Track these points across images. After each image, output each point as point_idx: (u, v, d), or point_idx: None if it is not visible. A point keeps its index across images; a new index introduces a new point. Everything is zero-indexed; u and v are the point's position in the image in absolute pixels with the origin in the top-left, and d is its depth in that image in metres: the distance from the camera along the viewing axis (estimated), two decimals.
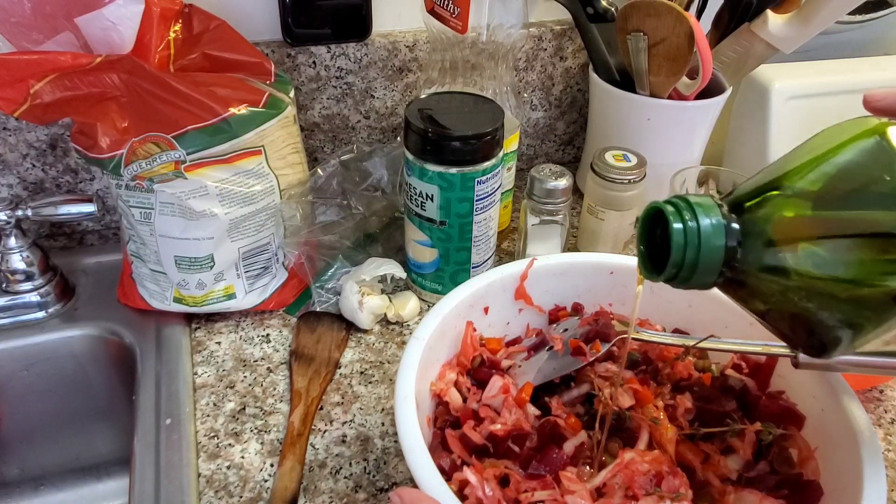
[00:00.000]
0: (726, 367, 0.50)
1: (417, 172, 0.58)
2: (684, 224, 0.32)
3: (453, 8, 0.60)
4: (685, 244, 0.32)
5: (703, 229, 0.31)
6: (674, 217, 0.32)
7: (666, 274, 0.33)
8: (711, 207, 0.32)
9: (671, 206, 0.33)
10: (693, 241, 0.31)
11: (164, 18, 0.57)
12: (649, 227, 0.35)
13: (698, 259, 0.32)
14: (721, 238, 0.31)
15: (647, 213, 0.34)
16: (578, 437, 0.44)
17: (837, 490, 0.40)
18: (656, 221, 0.34)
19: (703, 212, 0.32)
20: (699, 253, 0.31)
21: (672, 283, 0.33)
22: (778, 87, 0.79)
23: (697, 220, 0.32)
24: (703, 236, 0.31)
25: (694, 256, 0.32)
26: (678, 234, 0.32)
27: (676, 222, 0.32)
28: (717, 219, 0.32)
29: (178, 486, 0.49)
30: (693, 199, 0.32)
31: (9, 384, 0.64)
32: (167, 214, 0.56)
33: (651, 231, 0.35)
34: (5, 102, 0.50)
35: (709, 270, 0.32)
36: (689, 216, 0.32)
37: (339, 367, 0.60)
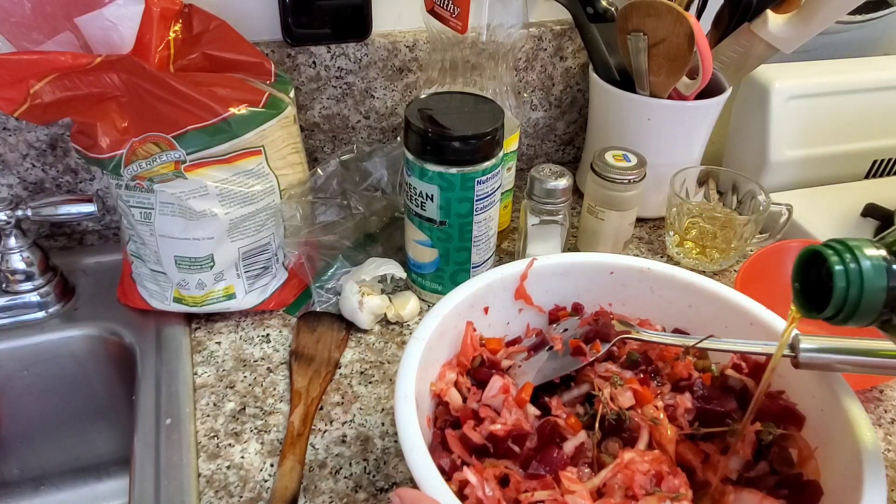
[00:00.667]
0: (726, 367, 0.50)
1: (417, 172, 0.58)
2: (846, 265, 0.33)
3: (453, 8, 0.60)
4: (848, 285, 0.33)
5: (865, 270, 0.33)
6: (835, 259, 0.34)
7: (827, 313, 0.34)
8: (870, 248, 0.33)
9: (830, 249, 0.34)
10: (856, 281, 0.33)
11: (164, 18, 0.57)
12: (804, 266, 0.36)
13: (861, 299, 0.33)
14: (883, 279, 0.33)
15: (805, 255, 0.36)
16: (578, 437, 0.44)
17: (837, 490, 0.40)
18: (811, 262, 0.36)
19: (863, 253, 0.33)
20: (862, 294, 0.33)
21: (830, 321, 0.35)
22: (778, 87, 0.79)
23: (858, 261, 0.33)
24: (865, 277, 0.33)
25: (857, 297, 0.33)
26: (840, 274, 0.33)
27: (838, 265, 0.33)
28: (879, 260, 0.33)
29: (178, 486, 0.49)
30: (852, 242, 0.34)
31: (9, 384, 0.64)
32: (167, 214, 0.56)
33: (806, 271, 0.36)
34: (5, 102, 0.50)
35: (870, 311, 0.33)
36: (850, 258, 0.33)
37: (339, 367, 0.60)
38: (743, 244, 0.70)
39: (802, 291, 0.37)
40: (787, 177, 0.83)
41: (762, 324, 0.48)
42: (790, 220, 0.72)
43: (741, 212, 0.72)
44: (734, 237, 0.70)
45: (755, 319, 0.49)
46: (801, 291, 0.37)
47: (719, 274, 0.73)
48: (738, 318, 0.50)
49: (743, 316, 0.50)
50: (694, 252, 0.73)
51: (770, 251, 0.66)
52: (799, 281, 0.37)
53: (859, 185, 0.85)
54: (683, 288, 0.52)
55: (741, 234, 0.69)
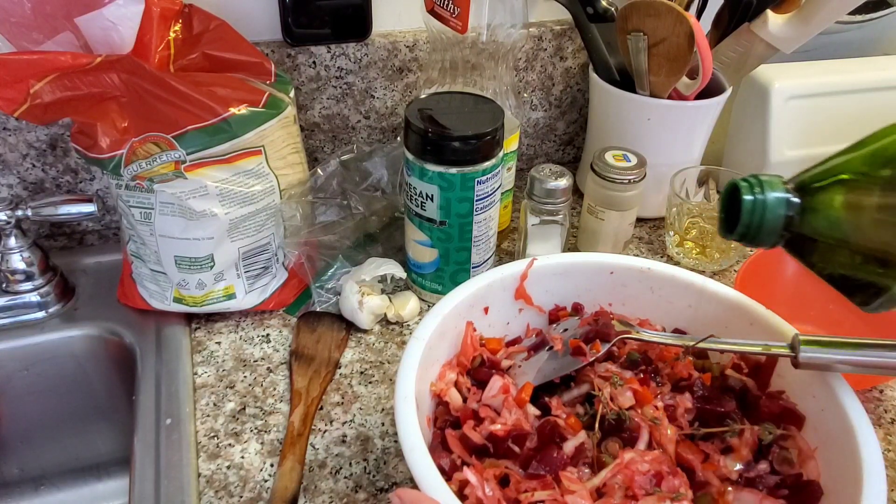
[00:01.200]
0: (726, 367, 0.50)
1: (417, 172, 0.58)
2: (754, 196, 0.39)
3: (453, 8, 0.60)
4: (752, 211, 0.39)
5: (768, 200, 0.39)
6: (745, 190, 0.40)
7: (737, 232, 0.40)
8: (777, 184, 0.40)
9: (745, 182, 0.40)
10: (759, 208, 0.39)
11: (164, 18, 0.57)
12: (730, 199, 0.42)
13: (763, 223, 0.39)
14: (782, 208, 0.39)
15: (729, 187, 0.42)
16: (578, 437, 0.44)
17: (837, 490, 0.40)
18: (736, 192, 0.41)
19: (770, 187, 0.40)
20: (763, 219, 0.39)
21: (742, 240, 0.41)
22: (778, 87, 0.79)
23: (765, 193, 0.39)
24: (767, 206, 0.39)
25: (759, 220, 0.39)
26: (748, 203, 0.40)
27: (747, 194, 0.40)
28: (781, 193, 0.39)
29: (178, 486, 0.49)
30: (764, 177, 0.40)
31: (9, 384, 0.64)
32: (167, 214, 0.56)
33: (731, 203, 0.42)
34: (5, 102, 0.50)
35: (771, 233, 0.40)
36: (759, 190, 0.40)
37: (339, 367, 0.60)
38: None
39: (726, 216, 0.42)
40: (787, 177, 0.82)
41: (762, 324, 0.48)
42: None
43: None
44: None
45: (755, 319, 0.49)
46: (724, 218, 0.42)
47: (719, 274, 0.73)
48: (738, 318, 0.50)
49: (743, 316, 0.50)
50: (694, 252, 0.73)
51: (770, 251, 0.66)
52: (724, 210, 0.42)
53: None
54: (683, 288, 0.52)
55: None
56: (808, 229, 0.39)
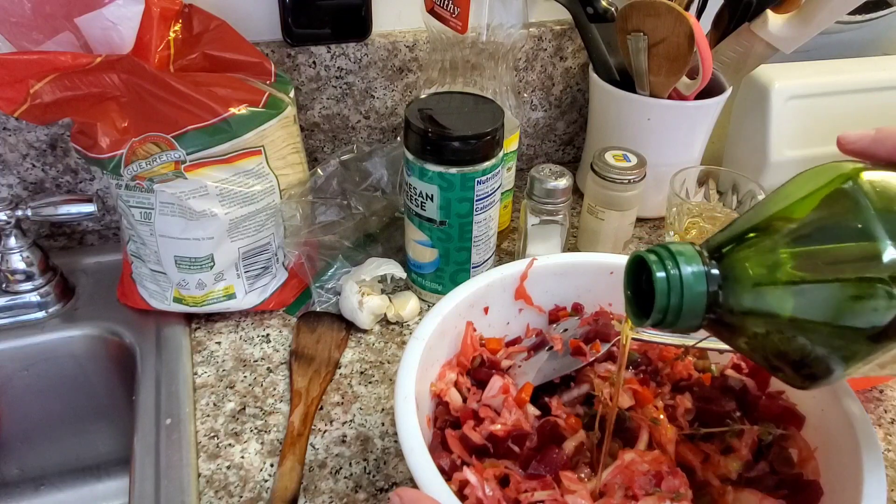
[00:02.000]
0: (726, 367, 0.50)
1: (417, 172, 0.58)
2: (667, 272, 0.33)
3: (453, 8, 0.60)
4: (668, 291, 0.33)
5: (685, 277, 0.33)
6: (657, 266, 0.33)
7: (652, 319, 0.34)
8: (692, 256, 0.33)
9: (654, 255, 0.34)
10: (676, 287, 0.33)
11: (164, 18, 0.57)
12: (635, 273, 0.36)
13: (682, 305, 0.33)
14: (703, 284, 0.33)
15: (632, 261, 0.36)
16: (578, 437, 0.44)
17: (837, 490, 0.40)
18: (641, 268, 0.35)
19: (685, 260, 0.33)
20: (682, 299, 0.33)
21: (659, 327, 0.35)
22: (778, 87, 0.79)
23: (679, 268, 0.33)
24: (685, 284, 0.33)
25: (678, 302, 0.33)
26: (661, 282, 0.33)
27: (660, 271, 0.33)
28: (698, 266, 0.33)
29: (178, 486, 0.49)
30: (674, 247, 0.34)
31: (9, 384, 0.64)
32: (167, 214, 0.56)
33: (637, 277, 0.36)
34: (5, 102, 0.50)
35: (693, 315, 0.33)
36: (671, 265, 0.33)
37: (339, 367, 0.60)
38: None
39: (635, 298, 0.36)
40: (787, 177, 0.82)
41: None
42: None
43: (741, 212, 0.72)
44: None
45: None
46: (632, 298, 0.36)
47: None
48: None
49: None
50: None
51: None
52: (630, 288, 0.36)
53: None
54: None
55: None
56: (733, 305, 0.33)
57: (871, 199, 0.30)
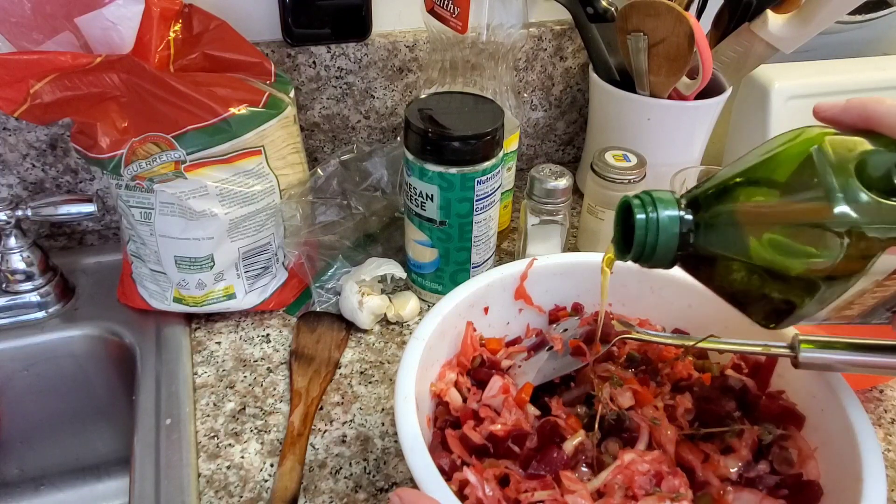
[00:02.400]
0: (726, 367, 0.50)
1: (417, 172, 0.58)
2: (647, 215, 0.38)
3: (453, 8, 0.60)
4: (646, 231, 0.38)
5: (661, 220, 0.37)
6: (638, 209, 0.38)
7: (632, 254, 0.39)
8: (670, 202, 0.38)
9: (637, 200, 0.39)
10: (653, 228, 0.37)
11: (164, 18, 0.57)
12: (623, 216, 0.40)
13: (657, 243, 0.38)
14: (676, 227, 0.37)
15: (621, 205, 0.40)
16: (578, 437, 0.44)
17: (837, 490, 0.40)
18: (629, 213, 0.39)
19: (663, 205, 0.38)
20: (658, 238, 0.37)
21: (638, 262, 0.39)
22: (778, 87, 0.79)
23: (657, 211, 0.37)
24: (661, 225, 0.37)
25: (654, 240, 0.38)
26: (641, 222, 0.38)
27: (640, 213, 0.38)
28: (674, 211, 0.37)
29: (178, 486, 0.49)
30: (656, 194, 0.38)
31: (9, 384, 0.64)
32: (167, 214, 0.56)
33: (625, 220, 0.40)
34: (5, 102, 0.50)
35: (666, 252, 0.38)
36: (651, 209, 0.38)
37: (339, 367, 0.60)
38: None
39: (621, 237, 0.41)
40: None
41: None
42: None
43: None
44: None
45: None
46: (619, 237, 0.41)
47: None
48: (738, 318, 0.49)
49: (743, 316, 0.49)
50: None
51: None
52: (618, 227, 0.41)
53: None
54: (683, 288, 0.52)
55: None
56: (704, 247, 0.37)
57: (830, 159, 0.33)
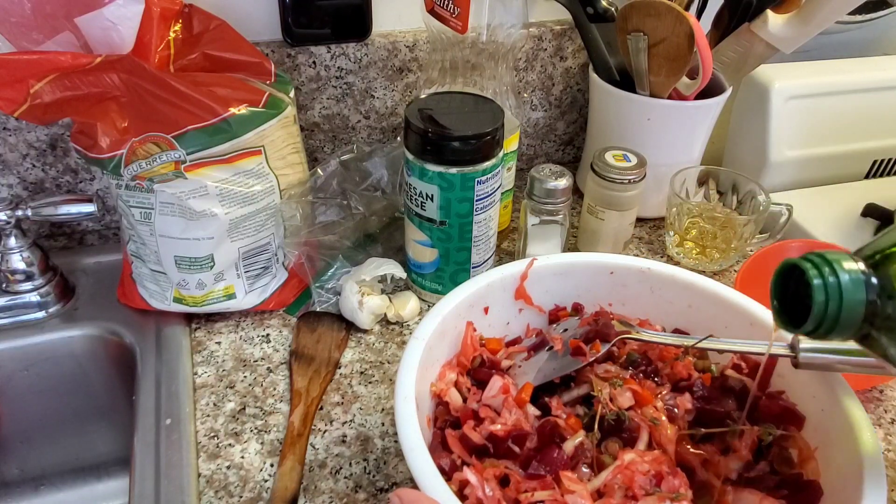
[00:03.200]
0: (726, 367, 0.50)
1: (417, 172, 0.58)
2: (824, 279, 0.32)
3: (453, 8, 0.60)
4: (827, 299, 0.32)
5: (844, 284, 0.32)
6: (813, 272, 0.33)
7: (806, 328, 0.34)
8: (849, 262, 0.33)
9: (809, 263, 0.33)
10: (834, 295, 0.32)
11: (164, 18, 0.57)
12: (781, 283, 0.36)
13: (840, 312, 0.32)
14: (862, 292, 0.32)
15: (783, 269, 0.35)
16: (578, 437, 0.44)
17: (837, 490, 0.40)
18: (789, 276, 0.35)
19: (842, 267, 0.32)
20: (841, 308, 0.32)
21: (811, 335, 0.34)
22: (778, 87, 0.79)
23: (837, 275, 0.32)
24: (843, 290, 0.32)
25: (836, 311, 0.32)
26: (819, 289, 0.32)
27: (817, 278, 0.33)
28: (857, 273, 0.32)
29: (178, 486, 0.49)
30: (831, 255, 0.33)
31: (9, 384, 0.64)
32: (167, 214, 0.56)
33: (783, 287, 0.36)
34: (5, 102, 0.50)
35: (849, 324, 0.32)
36: (829, 271, 0.33)
37: (339, 367, 0.60)
38: (743, 244, 0.70)
39: (781, 306, 0.36)
40: (787, 177, 0.83)
41: (762, 324, 0.48)
42: (790, 220, 0.72)
43: (741, 212, 0.72)
44: (734, 237, 0.70)
45: (755, 319, 0.49)
46: (780, 307, 0.36)
47: (719, 274, 0.73)
48: (738, 318, 0.50)
49: (743, 316, 0.50)
50: (694, 252, 0.73)
51: (770, 251, 0.66)
52: (777, 296, 0.36)
53: (859, 185, 0.85)
54: (683, 288, 0.52)
55: (741, 234, 0.69)
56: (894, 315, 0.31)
57: None
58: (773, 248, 0.67)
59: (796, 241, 0.69)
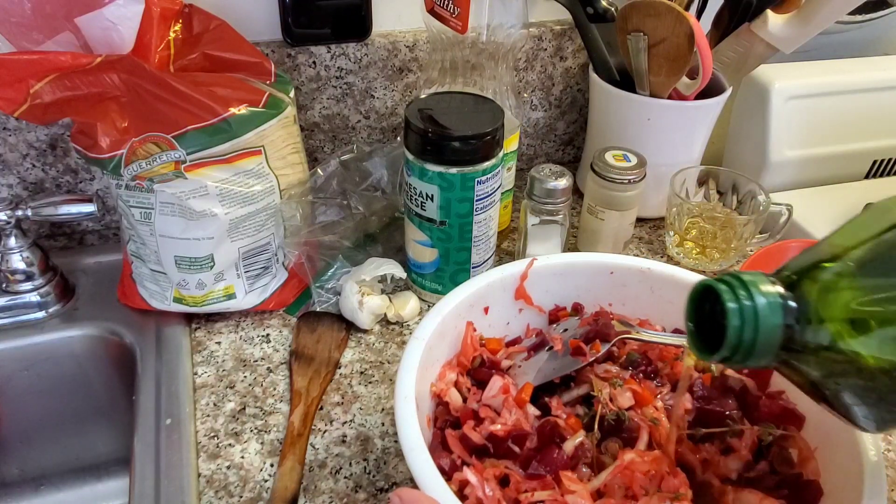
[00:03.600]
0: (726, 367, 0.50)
1: (417, 172, 0.58)
2: (740, 303, 0.30)
3: (453, 8, 0.60)
4: (742, 324, 0.30)
5: (760, 308, 0.30)
6: (728, 296, 0.31)
7: (720, 354, 0.31)
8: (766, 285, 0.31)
9: (724, 285, 0.31)
10: (750, 320, 0.30)
11: (164, 18, 0.57)
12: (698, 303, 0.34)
13: (756, 339, 0.30)
14: (779, 317, 0.30)
15: (697, 290, 0.33)
16: (578, 437, 0.44)
17: (837, 490, 0.40)
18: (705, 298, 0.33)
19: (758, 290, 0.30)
20: (757, 333, 0.30)
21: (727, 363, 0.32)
22: (778, 87, 0.79)
23: (753, 298, 0.30)
24: (760, 316, 0.30)
25: (752, 336, 0.30)
26: (734, 314, 0.30)
27: (731, 302, 0.30)
28: (774, 297, 0.30)
29: (178, 486, 0.49)
30: (746, 276, 0.31)
31: (9, 384, 0.64)
32: (167, 214, 0.56)
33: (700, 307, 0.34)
34: (5, 102, 0.50)
35: (766, 351, 0.31)
36: (745, 294, 0.30)
37: (339, 367, 0.60)
38: (743, 244, 0.70)
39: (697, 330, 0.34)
40: (787, 177, 0.83)
41: None
42: (790, 220, 0.72)
43: (741, 212, 0.72)
44: (734, 237, 0.70)
45: None
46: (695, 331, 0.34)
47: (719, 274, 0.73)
48: None
49: None
50: (694, 252, 0.73)
51: (770, 251, 0.66)
52: (693, 319, 0.34)
53: (859, 185, 0.85)
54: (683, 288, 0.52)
55: (741, 234, 0.69)
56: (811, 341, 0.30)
57: None
58: (773, 248, 0.67)
59: (796, 240, 0.69)
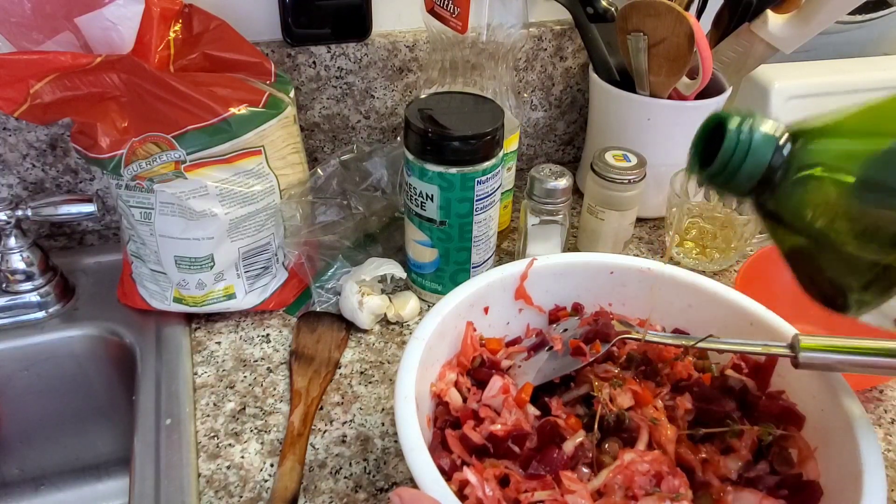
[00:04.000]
0: (726, 367, 0.50)
1: (417, 172, 0.58)
2: (740, 129, 0.35)
3: (453, 8, 0.60)
4: (736, 146, 0.35)
5: (755, 139, 0.34)
6: (732, 123, 0.35)
7: (713, 168, 0.36)
8: (769, 125, 0.35)
9: (734, 116, 0.35)
10: (744, 146, 0.34)
11: (164, 18, 0.57)
12: (707, 134, 0.37)
13: (744, 163, 0.35)
14: (768, 153, 0.34)
15: (710, 120, 0.37)
16: (578, 437, 0.44)
17: (837, 490, 0.40)
18: (716, 131, 0.36)
19: (760, 126, 0.35)
20: (746, 158, 0.34)
21: (713, 180, 0.36)
22: (778, 87, 0.79)
23: (752, 131, 0.35)
24: (753, 144, 0.34)
25: (740, 160, 0.35)
26: (732, 135, 0.35)
27: (733, 125, 0.35)
28: (771, 137, 0.34)
29: (178, 486, 0.49)
30: (758, 115, 0.35)
31: (9, 384, 0.64)
32: (167, 214, 0.56)
33: (710, 138, 0.37)
34: (5, 102, 0.50)
35: (749, 177, 0.35)
36: (748, 126, 0.35)
37: (339, 367, 0.60)
38: (743, 244, 0.70)
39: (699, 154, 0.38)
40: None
41: (762, 324, 0.48)
42: None
43: (741, 212, 0.72)
44: (734, 237, 0.70)
45: (755, 319, 0.49)
46: (696, 153, 0.38)
47: (719, 274, 0.73)
48: (738, 318, 0.50)
49: (743, 316, 0.50)
50: (694, 252, 0.73)
51: (770, 251, 0.66)
52: (701, 142, 0.38)
53: None
54: (683, 288, 0.52)
55: (741, 234, 0.69)
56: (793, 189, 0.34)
57: None
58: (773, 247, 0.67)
59: None
